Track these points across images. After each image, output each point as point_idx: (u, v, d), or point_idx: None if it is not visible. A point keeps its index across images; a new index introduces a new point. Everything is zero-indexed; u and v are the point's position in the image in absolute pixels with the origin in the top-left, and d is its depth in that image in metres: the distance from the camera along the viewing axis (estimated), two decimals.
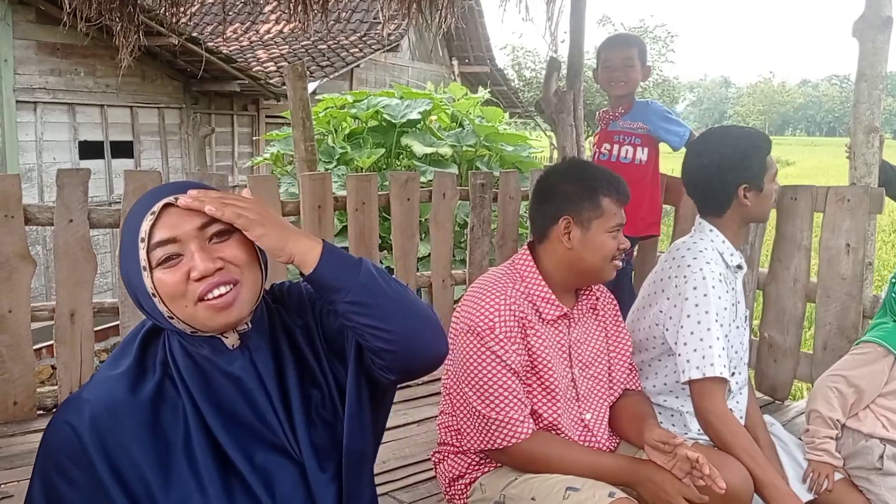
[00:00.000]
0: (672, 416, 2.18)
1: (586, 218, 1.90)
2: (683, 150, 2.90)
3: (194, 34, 9.69)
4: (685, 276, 2.04)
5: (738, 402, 2.23)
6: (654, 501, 1.77)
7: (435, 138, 5.65)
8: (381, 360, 1.22)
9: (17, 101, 7.16)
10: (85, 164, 7.66)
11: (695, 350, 1.97)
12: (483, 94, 6.61)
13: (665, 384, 2.18)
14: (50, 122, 7.57)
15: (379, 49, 11.73)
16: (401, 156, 5.67)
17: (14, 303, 2.52)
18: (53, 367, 3.23)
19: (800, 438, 2.20)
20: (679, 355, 2.00)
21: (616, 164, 2.91)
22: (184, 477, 1.14)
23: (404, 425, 2.40)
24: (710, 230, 2.12)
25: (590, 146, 4.48)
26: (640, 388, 2.15)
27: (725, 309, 2.02)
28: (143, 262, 1.12)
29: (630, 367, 2.12)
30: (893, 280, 2.20)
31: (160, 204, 1.13)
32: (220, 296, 1.13)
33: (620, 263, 1.97)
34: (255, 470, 1.18)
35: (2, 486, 2.16)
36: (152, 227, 1.12)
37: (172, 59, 8.36)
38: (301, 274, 1.19)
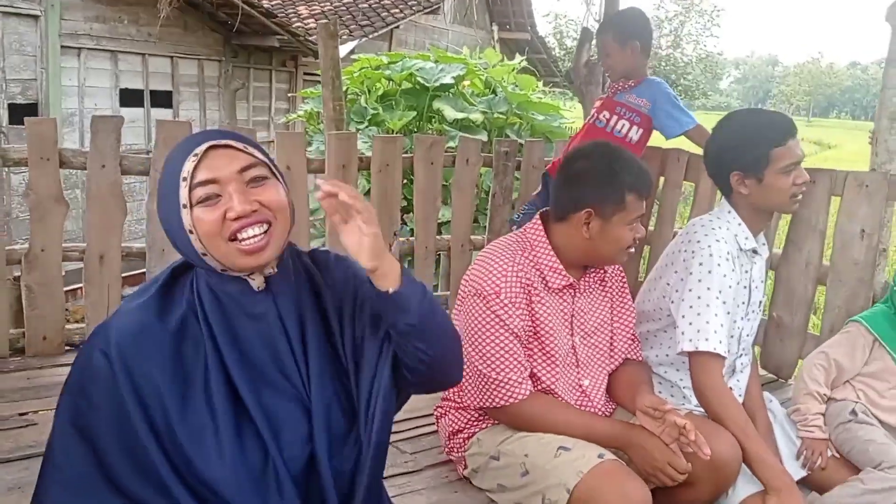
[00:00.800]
0: (671, 387, 2.24)
1: (609, 212, 1.93)
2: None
3: None
4: (693, 252, 2.09)
5: (738, 381, 2.28)
6: (643, 466, 1.83)
7: (467, 104, 5.66)
8: (411, 376, 1.32)
9: (62, 47, 7.29)
10: (125, 111, 7.81)
11: (690, 323, 2.02)
12: (519, 61, 6.57)
13: (667, 356, 2.24)
14: (93, 68, 7.70)
15: (419, 10, 11.66)
16: (432, 120, 5.68)
17: (47, 242, 2.64)
18: None
19: (791, 417, 2.25)
20: (677, 327, 2.05)
21: (608, 134, 2.90)
22: (199, 409, 1.21)
23: None
24: (729, 211, 2.15)
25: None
26: (640, 359, 2.21)
27: (730, 287, 2.06)
28: (185, 200, 1.18)
29: (632, 337, 2.18)
30: None
31: (204, 146, 1.20)
32: (254, 236, 1.19)
33: (633, 250, 2.01)
34: (263, 412, 1.24)
35: (29, 414, 2.29)
36: (195, 167, 1.19)
37: (214, 10, 8.42)
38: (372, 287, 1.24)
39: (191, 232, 1.19)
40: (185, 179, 1.18)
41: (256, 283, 1.26)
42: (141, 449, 1.19)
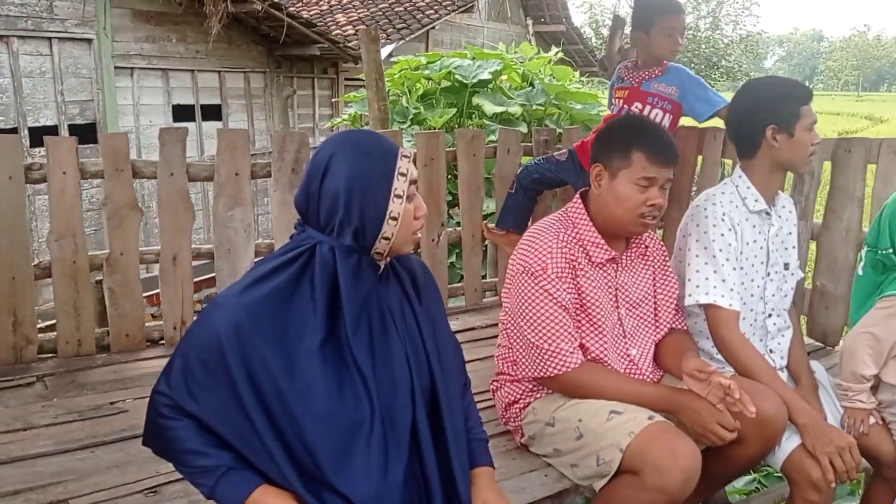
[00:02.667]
0: (707, 357, 2.35)
1: (615, 167, 2.04)
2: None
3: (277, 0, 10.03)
4: (692, 215, 2.29)
5: (778, 344, 2.37)
6: (692, 427, 1.93)
7: (505, 98, 5.77)
8: None
9: (116, 68, 7.63)
10: (178, 125, 8.12)
11: (689, 280, 2.21)
12: (554, 53, 6.65)
13: (696, 324, 2.35)
14: (145, 86, 8.03)
15: (454, 10, 11.80)
16: (472, 115, 5.81)
17: (125, 247, 2.85)
18: None
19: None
20: (685, 286, 2.24)
21: None
22: (305, 369, 1.38)
23: (469, 361, 2.62)
24: (739, 176, 2.30)
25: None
26: (685, 328, 2.31)
27: (730, 245, 2.21)
28: (402, 192, 1.42)
29: (676, 308, 2.27)
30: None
31: (404, 151, 1.46)
32: (419, 231, 1.49)
33: (650, 222, 2.06)
34: (374, 375, 1.44)
35: (117, 402, 2.49)
36: (408, 167, 1.44)
37: (257, 24, 8.69)
38: None
39: (394, 219, 1.42)
40: (403, 175, 1.43)
41: (383, 265, 1.50)
42: (242, 419, 1.36)
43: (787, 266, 2.38)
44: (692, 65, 22.53)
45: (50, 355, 2.84)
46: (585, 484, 2.02)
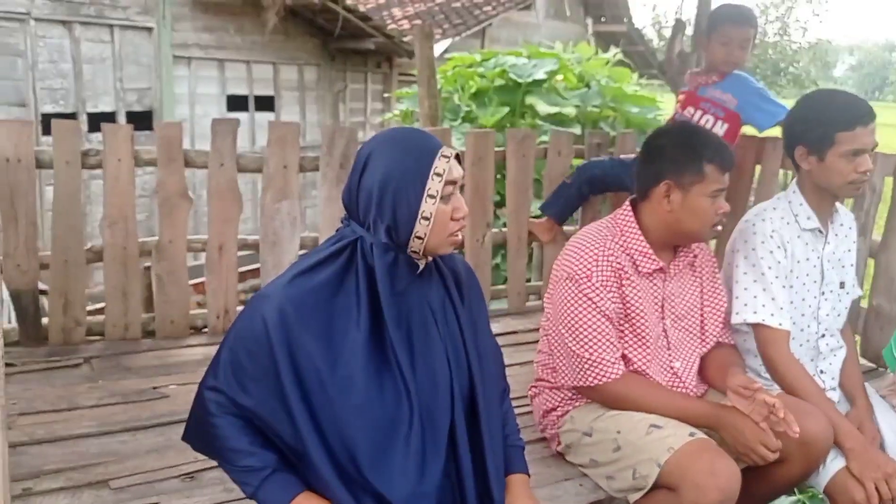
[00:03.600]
0: (748, 373, 2.29)
1: (688, 182, 1.98)
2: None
3: None
4: (741, 231, 2.23)
5: (829, 364, 2.29)
6: (734, 445, 1.88)
7: (560, 98, 5.71)
8: None
9: (174, 57, 7.78)
10: (231, 116, 8.25)
11: (737, 297, 2.16)
12: (613, 54, 6.56)
13: (744, 341, 2.29)
14: (202, 76, 8.17)
15: (512, 7, 11.74)
16: (525, 115, 5.77)
17: (173, 235, 2.90)
18: None
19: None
20: (733, 303, 2.19)
21: None
22: (348, 362, 1.39)
23: (509, 366, 2.60)
24: (794, 191, 2.23)
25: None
26: (732, 342, 2.25)
27: (780, 262, 2.15)
28: (436, 192, 1.39)
29: (724, 322, 2.21)
30: None
31: (448, 152, 1.42)
32: (460, 235, 1.46)
33: (720, 227, 2.07)
34: (413, 370, 1.44)
35: (160, 388, 2.54)
36: (448, 167, 1.41)
37: (313, 17, 8.77)
38: None
39: (426, 219, 1.40)
40: (439, 175, 1.39)
41: (422, 263, 1.48)
42: (283, 411, 1.37)
43: (842, 285, 2.30)
44: (758, 69, 22.06)
45: (97, 338, 2.90)
46: (620, 496, 1.99)
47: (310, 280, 1.42)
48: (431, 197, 1.39)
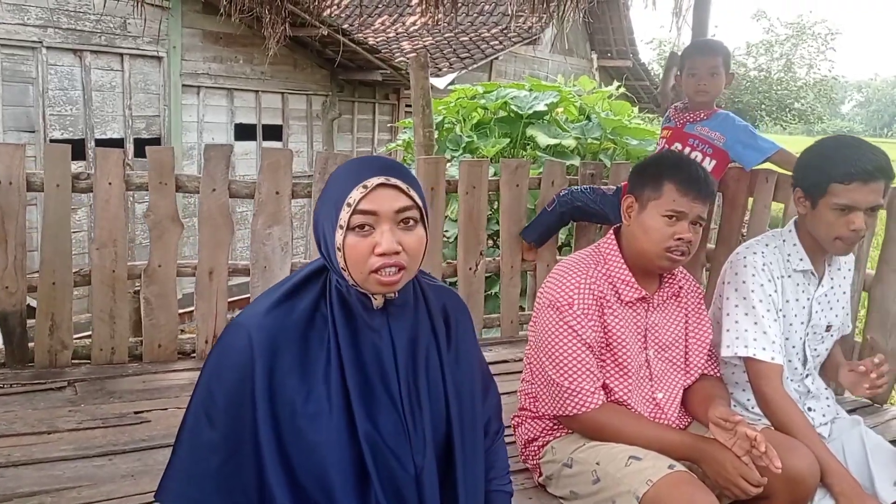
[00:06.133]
0: (741, 409, 2.25)
1: (646, 198, 1.98)
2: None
3: (345, 25, 10.24)
4: (731, 263, 2.20)
5: (818, 402, 2.25)
6: (716, 478, 1.83)
7: (560, 130, 5.74)
8: None
9: (183, 85, 7.88)
10: (239, 145, 8.34)
11: (728, 330, 2.12)
12: (613, 87, 6.60)
13: (732, 374, 2.27)
14: (210, 105, 8.27)
15: (518, 42, 11.86)
16: (527, 146, 5.79)
17: (163, 259, 2.91)
18: None
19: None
20: (723, 335, 2.16)
21: None
22: (320, 394, 1.34)
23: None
24: (790, 231, 2.20)
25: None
26: (718, 375, 2.21)
27: (770, 296, 2.11)
28: (342, 222, 1.30)
29: (709, 353, 2.18)
30: None
31: (376, 181, 1.30)
32: (389, 274, 1.31)
33: (678, 257, 1.96)
34: (367, 416, 1.36)
35: (143, 413, 2.52)
36: (362, 198, 1.29)
37: (321, 48, 8.88)
38: None
39: (339, 249, 1.32)
40: (348, 205, 1.30)
41: (376, 302, 1.39)
42: (253, 437, 1.32)
43: (828, 328, 2.25)
44: (763, 106, 22.14)
45: (84, 361, 2.89)
46: None
47: (287, 309, 1.38)
48: (340, 228, 1.31)
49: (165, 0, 7.25)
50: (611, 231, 2.14)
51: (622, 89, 7.09)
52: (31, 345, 2.81)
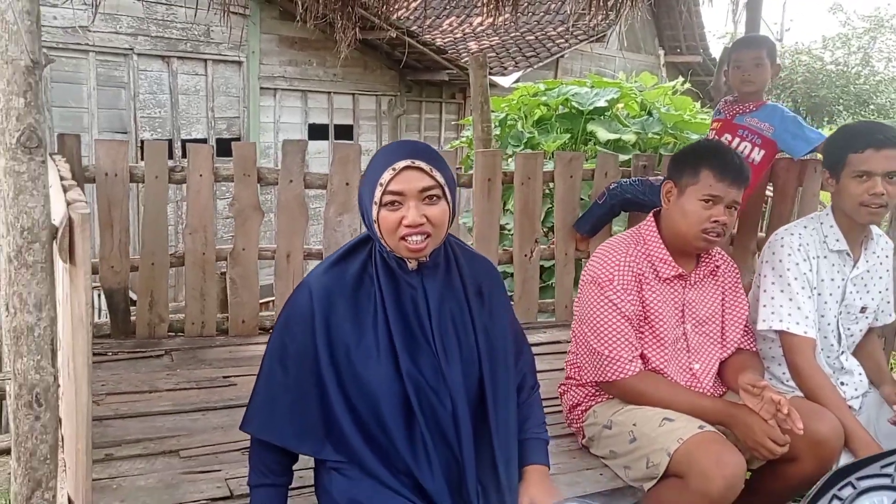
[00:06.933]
0: (771, 380, 2.40)
1: (684, 183, 2.15)
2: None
3: (413, 27, 10.54)
4: (770, 243, 2.36)
5: (851, 377, 2.38)
6: (744, 440, 2.00)
7: (621, 125, 5.86)
8: None
9: (261, 88, 8.32)
10: (312, 144, 8.72)
11: (764, 306, 2.27)
12: (677, 82, 6.68)
13: (769, 349, 2.42)
14: (286, 106, 8.69)
15: (584, 39, 11.93)
16: (588, 142, 5.93)
17: (247, 243, 3.23)
18: None
19: None
20: (760, 311, 2.31)
21: None
22: (369, 340, 1.62)
23: (549, 371, 2.80)
24: (827, 214, 2.35)
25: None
26: (754, 349, 2.36)
27: (805, 274, 2.26)
28: (377, 199, 1.56)
29: (745, 329, 2.33)
30: None
31: (402, 164, 1.55)
32: (417, 240, 1.56)
33: (714, 238, 2.13)
34: (410, 358, 1.62)
35: (231, 377, 2.83)
36: (391, 179, 1.55)
37: (390, 50, 9.20)
38: None
39: (375, 222, 1.58)
40: (381, 185, 1.55)
41: (411, 265, 1.65)
42: (317, 378, 1.62)
43: (863, 309, 2.38)
44: (841, 101, 21.47)
45: (178, 334, 3.24)
46: (636, 485, 2.13)
47: (341, 270, 1.66)
48: (375, 204, 1.57)
49: (246, 8, 7.68)
50: (650, 214, 2.33)
51: (687, 85, 7.14)
52: (132, 318, 3.16)
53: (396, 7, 5.35)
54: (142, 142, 7.09)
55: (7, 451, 5.15)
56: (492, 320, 1.75)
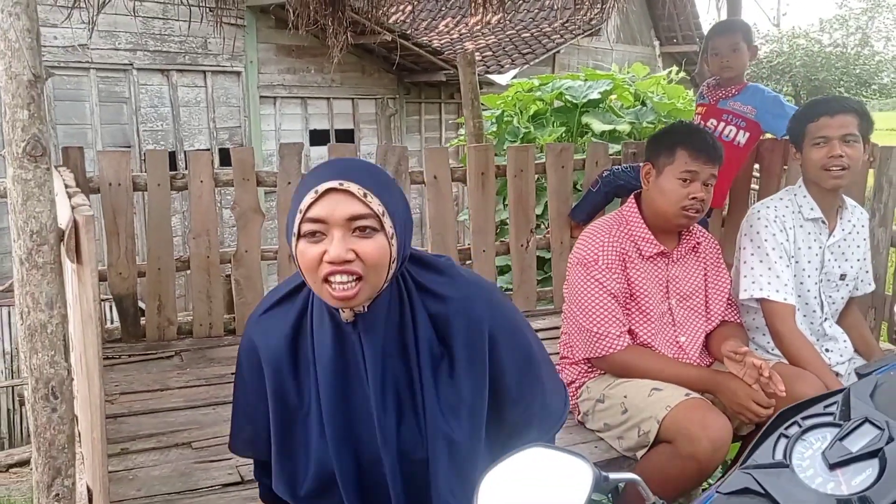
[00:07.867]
0: (756, 349, 2.49)
1: (661, 164, 2.25)
2: None
3: (409, 30, 10.67)
4: (747, 217, 2.45)
5: (836, 344, 2.47)
6: (730, 405, 2.10)
7: (615, 116, 5.95)
8: None
9: (260, 97, 8.45)
10: (314, 150, 8.85)
11: (745, 276, 2.35)
12: (669, 71, 6.76)
13: (753, 320, 2.51)
14: (286, 113, 8.82)
15: (580, 34, 12.01)
16: (585, 134, 6.03)
17: (249, 244, 3.33)
18: None
19: None
20: (740, 281, 2.39)
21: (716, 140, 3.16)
22: (310, 406, 1.37)
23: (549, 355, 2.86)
24: (800, 185, 2.44)
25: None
26: (737, 321, 2.46)
27: (782, 244, 2.35)
28: (295, 230, 1.23)
29: (728, 302, 2.42)
30: None
31: (324, 186, 1.22)
32: (342, 284, 1.21)
33: (693, 214, 2.23)
34: (344, 422, 1.36)
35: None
36: (311, 203, 1.22)
37: (387, 54, 9.31)
38: None
39: (294, 258, 1.26)
40: (300, 212, 1.22)
41: (345, 316, 1.30)
42: (265, 422, 1.43)
43: (842, 276, 2.47)
44: (842, 83, 21.48)
45: (187, 335, 3.35)
46: (630, 455, 2.22)
47: (282, 313, 1.40)
48: (293, 236, 1.25)
49: (241, 18, 7.81)
50: (631, 196, 2.42)
51: (681, 74, 7.22)
52: (142, 322, 3.27)
53: (391, 11, 5.44)
54: (145, 153, 7.23)
55: (25, 463, 5.27)
56: (453, 378, 1.36)
